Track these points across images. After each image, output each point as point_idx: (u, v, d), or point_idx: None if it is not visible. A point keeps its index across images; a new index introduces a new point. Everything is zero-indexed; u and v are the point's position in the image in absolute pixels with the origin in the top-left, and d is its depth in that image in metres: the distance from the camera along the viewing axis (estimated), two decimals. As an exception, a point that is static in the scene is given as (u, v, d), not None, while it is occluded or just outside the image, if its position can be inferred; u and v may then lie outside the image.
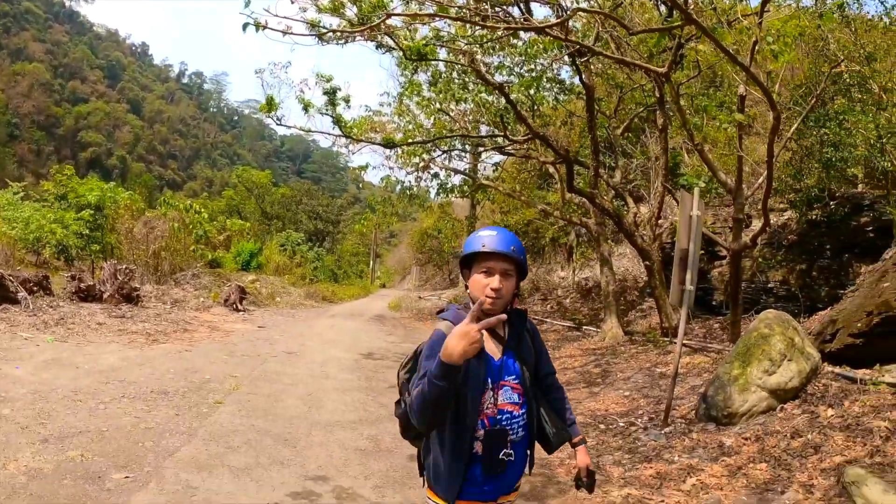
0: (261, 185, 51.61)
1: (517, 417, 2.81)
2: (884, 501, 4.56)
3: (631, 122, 16.05)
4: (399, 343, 16.06)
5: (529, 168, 23.55)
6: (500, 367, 2.80)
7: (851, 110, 11.79)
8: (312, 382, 9.93)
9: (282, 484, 5.53)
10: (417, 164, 17.23)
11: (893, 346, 7.24)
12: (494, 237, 2.74)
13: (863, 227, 12.37)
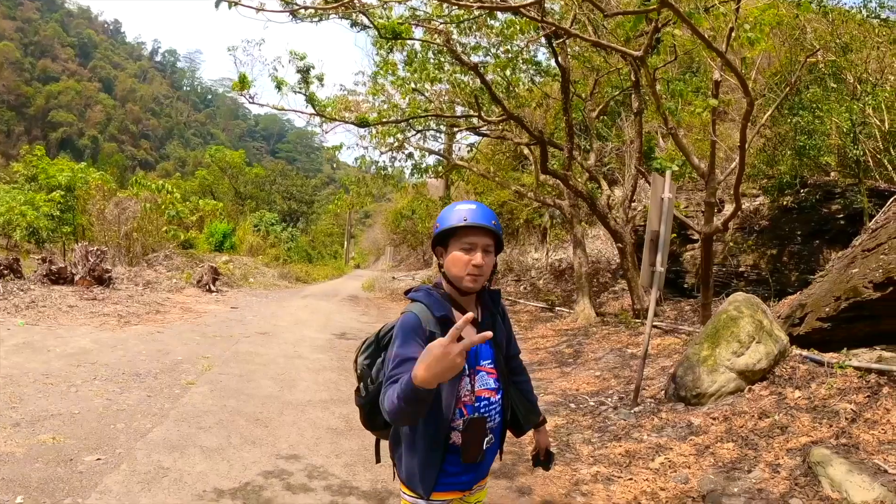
0: (234, 165, 51.01)
1: (494, 404, 2.67)
2: (848, 481, 4.66)
3: (607, 105, 16.08)
4: (372, 323, 16.03)
5: (504, 149, 23.54)
6: (475, 352, 2.64)
7: (826, 99, 11.93)
8: (285, 363, 9.91)
9: (253, 463, 5.52)
10: (392, 144, 17.17)
11: (860, 331, 7.38)
12: (475, 210, 2.57)
13: (833, 214, 12.55)
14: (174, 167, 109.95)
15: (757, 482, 5.10)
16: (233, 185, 50.54)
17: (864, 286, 7.01)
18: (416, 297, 2.65)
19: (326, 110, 14.15)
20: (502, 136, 17.39)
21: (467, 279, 2.54)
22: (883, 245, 7.11)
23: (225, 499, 4.74)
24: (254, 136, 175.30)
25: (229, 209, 41.62)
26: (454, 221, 2.55)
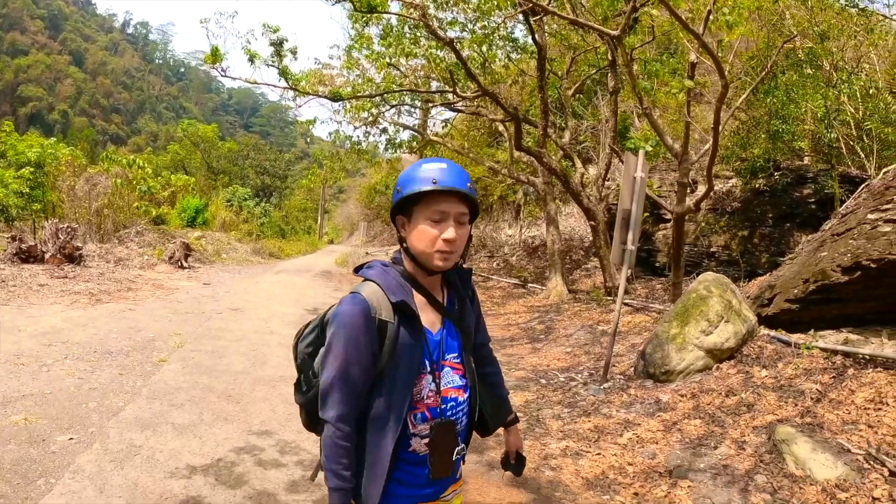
0: (207, 140, 50.27)
1: (461, 404, 2.26)
2: (812, 459, 4.75)
3: (583, 83, 16.09)
4: (346, 298, 15.98)
5: (479, 125, 23.51)
6: (439, 344, 2.21)
7: (803, 85, 12.02)
8: (257, 338, 9.87)
9: (225, 439, 5.52)
10: (366, 119, 17.05)
11: (827, 313, 7.50)
12: (446, 171, 2.06)
13: (805, 198, 12.69)
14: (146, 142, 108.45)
15: (723, 458, 5.19)
16: (205, 159, 49.90)
17: (833, 270, 7.11)
18: (369, 275, 2.18)
19: (300, 84, 14.00)
20: (477, 113, 17.35)
21: (437, 258, 2.08)
22: (852, 230, 7.21)
23: (197, 475, 4.73)
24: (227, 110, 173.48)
25: (202, 184, 41.14)
26: (420, 185, 2.04)
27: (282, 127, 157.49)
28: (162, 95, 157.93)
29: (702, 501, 4.65)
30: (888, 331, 7.15)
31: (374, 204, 47.98)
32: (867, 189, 7.84)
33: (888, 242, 6.63)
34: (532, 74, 16.03)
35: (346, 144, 19.67)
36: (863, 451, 4.78)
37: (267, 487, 4.65)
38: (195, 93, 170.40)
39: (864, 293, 7.11)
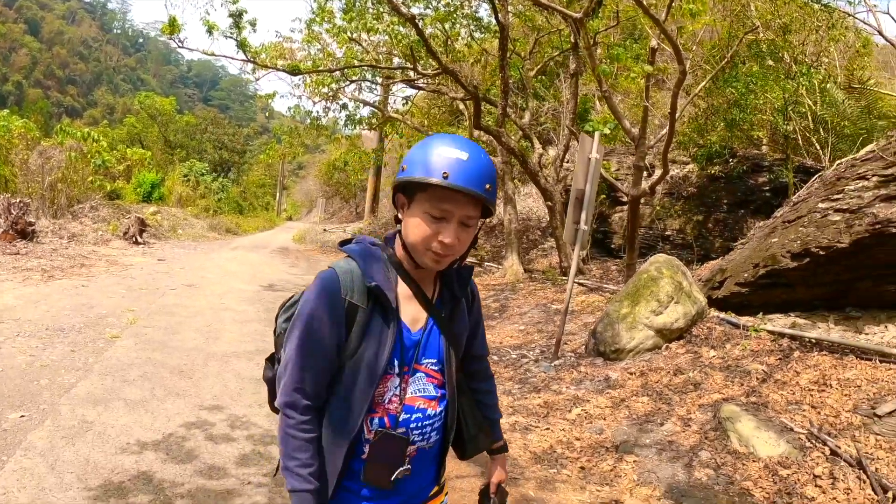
0: (164, 113, 49.32)
1: (432, 418, 1.98)
2: (755, 437, 4.88)
3: (545, 65, 16.11)
4: (301, 275, 15.98)
5: (440, 103, 23.43)
6: (416, 344, 1.94)
7: (764, 76, 12.22)
8: (211, 314, 9.78)
9: (177, 415, 5.49)
10: (326, 94, 16.90)
11: (776, 298, 7.69)
12: (465, 164, 1.74)
13: (760, 186, 12.98)
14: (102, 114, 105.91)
15: (668, 435, 5.30)
16: (162, 133, 49.02)
17: (783, 255, 7.28)
18: (349, 250, 1.95)
19: (259, 57, 13.80)
20: (438, 91, 17.30)
21: (429, 256, 1.83)
22: (803, 218, 7.38)
23: (148, 451, 4.69)
24: (186, 82, 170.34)
25: (158, 158, 40.51)
26: (428, 174, 1.74)
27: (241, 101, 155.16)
28: (119, 67, 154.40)
29: (646, 476, 4.76)
30: (835, 316, 7.35)
31: (333, 180, 47.67)
32: (820, 179, 8.03)
33: (837, 231, 6.79)
34: (494, 54, 16.01)
35: (305, 120, 19.51)
36: (805, 430, 4.92)
37: (217, 461, 4.64)
38: (154, 64, 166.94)
39: (812, 279, 7.29)
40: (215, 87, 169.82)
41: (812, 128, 12.50)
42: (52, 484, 4.05)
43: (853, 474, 4.34)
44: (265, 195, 62.75)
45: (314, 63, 15.23)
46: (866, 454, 4.49)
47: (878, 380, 5.46)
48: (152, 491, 4.10)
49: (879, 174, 6.79)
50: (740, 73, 12.50)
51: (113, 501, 3.93)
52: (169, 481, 4.26)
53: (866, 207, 6.66)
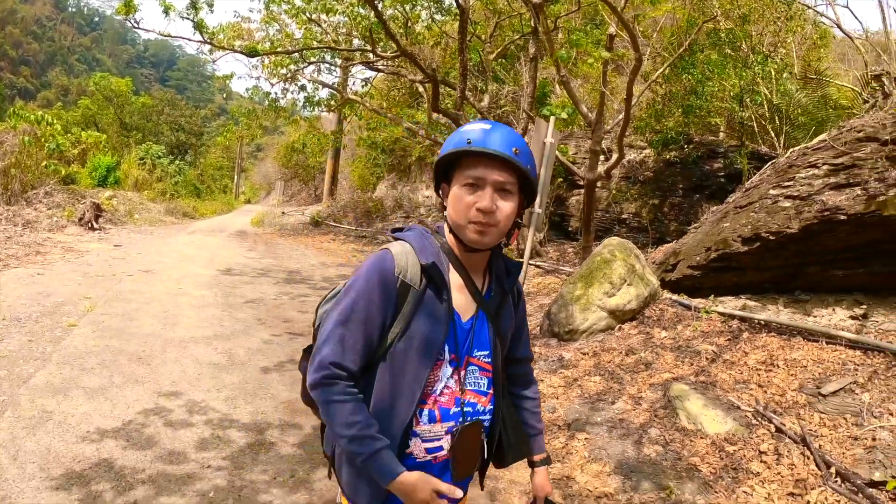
0: (120, 94, 48.16)
1: (483, 414, 1.96)
2: (703, 415, 5.03)
3: (506, 48, 16.14)
4: (259, 259, 15.87)
5: (400, 86, 23.36)
6: (468, 333, 1.91)
7: (722, 64, 12.42)
8: (168, 300, 9.70)
9: (136, 401, 5.47)
10: (285, 76, 16.73)
11: (727, 280, 7.89)
12: (488, 132, 1.80)
13: (715, 171, 13.23)
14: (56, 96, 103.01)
15: (619, 413, 5.44)
16: (118, 115, 47.90)
17: (734, 240, 7.46)
18: (403, 235, 1.96)
19: (216, 38, 13.62)
20: (397, 73, 17.25)
21: (470, 229, 1.81)
22: (754, 204, 7.57)
23: (108, 438, 4.69)
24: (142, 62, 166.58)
25: (114, 141, 39.58)
26: (454, 145, 1.82)
27: (199, 81, 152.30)
28: (74, 46, 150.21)
29: (597, 452, 4.88)
30: (784, 299, 7.56)
31: (292, 162, 47.22)
32: (772, 166, 8.23)
33: (787, 217, 6.99)
34: (454, 37, 16.01)
35: (264, 101, 19.28)
36: (752, 408, 5.08)
37: (177, 447, 4.66)
38: (109, 44, 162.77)
39: (763, 263, 7.50)
40: (172, 67, 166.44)
41: (767, 116, 12.75)
42: (14, 475, 4.04)
43: (797, 451, 4.49)
44: (223, 178, 61.84)
45: (273, 44, 15.08)
46: (810, 431, 4.64)
47: (823, 360, 5.64)
48: (114, 478, 4.11)
49: (830, 163, 7.00)
50: (698, 61, 12.69)
51: (75, 490, 3.93)
52: (130, 468, 4.27)
53: (816, 195, 6.87)
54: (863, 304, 7.04)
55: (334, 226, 25.52)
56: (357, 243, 20.54)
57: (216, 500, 3.95)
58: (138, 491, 3.98)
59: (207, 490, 4.07)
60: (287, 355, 7.33)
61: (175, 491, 4.02)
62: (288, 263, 15.41)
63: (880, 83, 8.38)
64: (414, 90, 22.35)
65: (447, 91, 15.36)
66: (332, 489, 4.24)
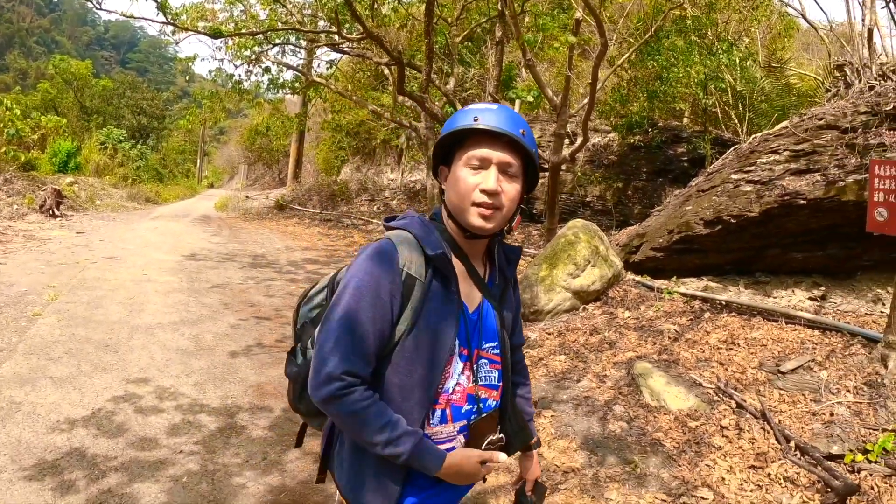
0: (80, 77, 47.12)
1: (492, 409, 1.88)
2: (666, 392, 5.16)
3: (472, 31, 16.12)
4: (223, 243, 15.79)
5: (365, 68, 23.20)
6: (477, 325, 1.81)
7: (687, 52, 12.56)
8: (133, 287, 9.61)
9: (104, 389, 5.46)
10: (248, 58, 16.54)
11: (690, 262, 8.05)
12: (494, 111, 1.70)
13: (679, 156, 13.43)
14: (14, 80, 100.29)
15: (585, 391, 5.56)
16: (78, 99, 46.91)
17: (696, 223, 7.60)
18: (402, 224, 1.79)
19: (179, 19, 13.42)
20: (362, 55, 17.15)
21: (473, 213, 1.69)
22: (716, 188, 7.72)
23: (78, 427, 4.68)
24: (103, 44, 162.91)
25: (74, 126, 38.84)
26: (462, 122, 1.70)
27: (161, 63, 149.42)
28: (33, 28, 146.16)
29: (563, 429, 4.98)
30: (745, 280, 7.74)
31: (255, 146, 46.63)
32: (735, 151, 8.38)
33: (748, 201, 7.14)
34: (421, 19, 15.96)
35: (227, 83, 19.04)
36: (713, 385, 5.22)
37: (148, 433, 4.67)
38: (69, 25, 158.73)
39: (724, 245, 7.65)
40: (133, 49, 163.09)
41: (731, 102, 12.96)
42: (-15, 467, 4.03)
43: (758, 426, 4.63)
44: (186, 162, 61.10)
45: (237, 26, 14.90)
46: (770, 407, 4.79)
47: (782, 339, 5.82)
48: (86, 466, 4.11)
49: (791, 149, 7.16)
50: (663, 47, 12.83)
51: (48, 480, 3.93)
52: (102, 456, 4.27)
53: (776, 180, 7.03)
54: (821, 285, 7.24)
55: (299, 209, 25.38)
56: (322, 227, 20.46)
57: (190, 485, 3.98)
58: (111, 478, 3.99)
59: (180, 475, 4.09)
60: (254, 339, 7.34)
61: (148, 477, 4.04)
62: (253, 248, 15.34)
63: (842, 73, 8.57)
64: (379, 73, 22.20)
65: (413, 74, 15.31)
66: (304, 470, 4.30)
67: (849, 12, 10.14)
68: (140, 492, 3.86)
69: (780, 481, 4.09)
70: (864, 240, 5.95)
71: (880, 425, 4.37)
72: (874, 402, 4.59)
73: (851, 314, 6.37)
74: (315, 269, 12.76)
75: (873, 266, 7.22)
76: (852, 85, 8.08)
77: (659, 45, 12.72)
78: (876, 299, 6.88)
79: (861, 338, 5.56)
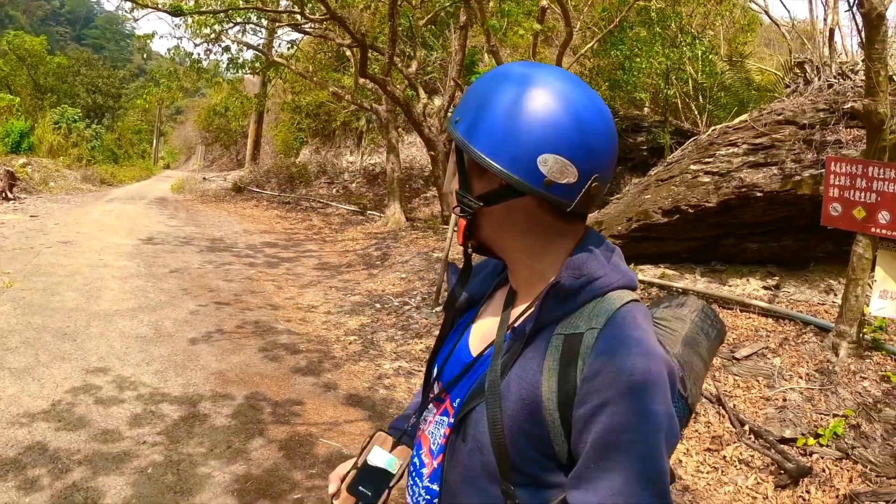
0: (34, 54, 45.80)
1: (421, 490, 1.30)
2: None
3: (436, 15, 16.06)
4: (181, 227, 15.61)
5: (327, 49, 22.96)
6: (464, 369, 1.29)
7: (650, 43, 12.70)
8: (90, 272, 9.46)
9: (64, 380, 5.38)
10: (208, 36, 16.28)
11: (648, 250, 8.18)
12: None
13: (639, 145, 13.59)
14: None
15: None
16: (32, 76, 45.60)
17: (655, 211, 7.73)
18: None
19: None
20: (325, 36, 16.98)
21: None
22: (675, 178, 7.86)
23: (39, 420, 4.62)
24: (58, 19, 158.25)
25: (27, 105, 37.83)
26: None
27: (118, 40, 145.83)
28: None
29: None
30: (701, 269, 7.90)
31: (213, 126, 45.67)
32: (694, 143, 8.53)
33: (706, 191, 7.29)
34: (385, 1, 15.86)
35: (185, 62, 18.71)
36: (670, 372, 5.36)
37: (110, 425, 4.63)
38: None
39: (682, 234, 7.80)
40: (90, 24, 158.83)
41: (692, 94, 13.16)
42: (-56, 463, 3.97)
43: (713, 410, 4.80)
44: (142, 142, 59.77)
45: (198, 3, 14.63)
46: (725, 392, 4.95)
47: (738, 327, 6.00)
48: (48, 461, 4.07)
49: (749, 142, 7.33)
50: (627, 38, 12.95)
51: (11, 476, 3.88)
52: (64, 449, 4.23)
53: (734, 172, 7.19)
54: (775, 275, 7.42)
55: (257, 192, 25.13)
56: (280, 209, 20.35)
57: (155, 476, 3.97)
58: (75, 473, 3.96)
59: (145, 466, 4.08)
60: (214, 325, 7.30)
61: (113, 470, 4.02)
62: (211, 231, 15.20)
63: (803, 70, 8.76)
64: (341, 54, 21.99)
65: (375, 56, 15.25)
66: (269, 458, 4.32)
67: (812, 11, 10.40)
68: (105, 485, 3.84)
69: (735, 463, 4.24)
70: (818, 232, 6.12)
71: (831, 410, 4.55)
72: (825, 389, 4.76)
73: (804, 303, 6.56)
74: (274, 252, 12.70)
75: (826, 258, 7.42)
76: (812, 82, 8.26)
77: (623, 35, 12.84)
78: (828, 290, 7.08)
79: (813, 326, 5.76)
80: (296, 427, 4.80)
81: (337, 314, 8.25)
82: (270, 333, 7.22)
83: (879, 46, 4.66)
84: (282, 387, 5.64)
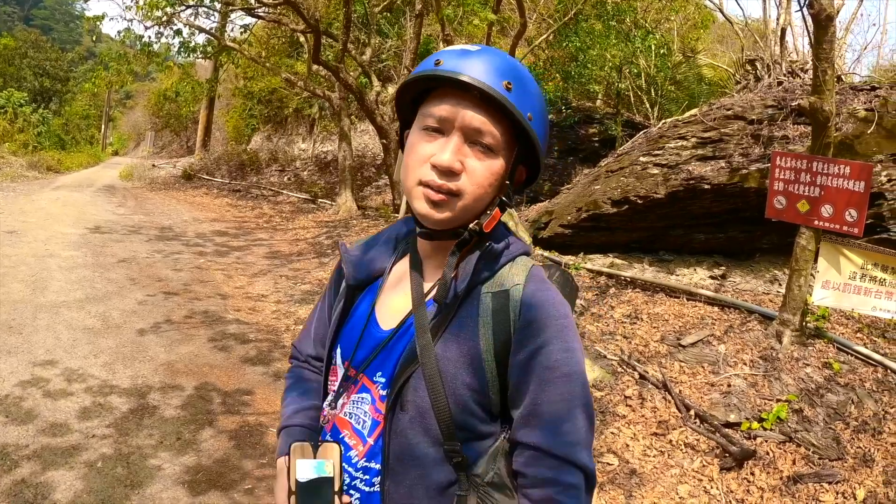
0: (-21, 35, 44.49)
1: (357, 472, 1.27)
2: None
3: (392, 2, 15.99)
4: (129, 215, 15.37)
5: (280, 34, 22.72)
6: (378, 346, 1.29)
7: (605, 36, 12.84)
8: (36, 263, 9.25)
9: (10, 374, 5.28)
10: (159, 19, 15.97)
11: (597, 239, 8.35)
12: (469, 53, 1.19)
13: (590, 136, 13.79)
14: None
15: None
16: (-24, 59, 44.26)
17: (604, 202, 7.87)
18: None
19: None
20: (278, 21, 16.79)
21: (417, 195, 1.22)
22: (624, 169, 8.00)
23: (-16, 415, 4.54)
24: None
25: (-29, 88, 36.77)
26: (419, 68, 1.22)
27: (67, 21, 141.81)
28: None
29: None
30: (649, 258, 8.08)
31: (163, 112, 44.68)
32: (645, 135, 8.70)
33: (655, 183, 7.44)
34: (340, -13, 15.73)
35: (136, 45, 18.31)
36: (617, 357, 5.50)
37: (58, 418, 4.57)
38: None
39: (630, 224, 7.97)
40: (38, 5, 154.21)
41: (644, 88, 13.35)
42: None
43: (659, 395, 4.93)
44: (90, 128, 58.34)
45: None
46: (671, 378, 5.09)
47: (684, 315, 6.17)
48: (-5, 457, 4.02)
49: (698, 136, 7.51)
50: (581, 30, 13.07)
51: (-43, 473, 3.82)
52: (13, 444, 4.16)
53: (683, 164, 7.36)
54: (722, 265, 7.63)
55: (207, 179, 24.87)
56: (231, 197, 20.16)
57: (105, 470, 3.94)
58: (24, 468, 3.90)
59: (95, 460, 4.04)
60: (163, 316, 7.22)
61: (62, 464, 3.97)
62: (160, 219, 15.00)
63: (753, 68, 9.00)
64: (295, 40, 21.76)
65: (329, 42, 15.14)
66: (219, 448, 4.32)
67: (765, 10, 10.61)
68: (55, 480, 3.80)
69: (681, 447, 4.36)
70: (764, 224, 6.31)
71: (774, 396, 4.72)
72: (769, 375, 4.93)
73: (749, 293, 6.76)
74: (224, 241, 12.58)
75: (771, 249, 7.65)
76: (762, 79, 8.49)
77: (577, 27, 12.96)
78: (773, 280, 7.31)
79: (758, 315, 5.95)
80: (246, 417, 4.80)
81: (287, 303, 8.23)
82: (220, 323, 7.17)
83: (827, 47, 4.81)
84: (231, 377, 5.62)
